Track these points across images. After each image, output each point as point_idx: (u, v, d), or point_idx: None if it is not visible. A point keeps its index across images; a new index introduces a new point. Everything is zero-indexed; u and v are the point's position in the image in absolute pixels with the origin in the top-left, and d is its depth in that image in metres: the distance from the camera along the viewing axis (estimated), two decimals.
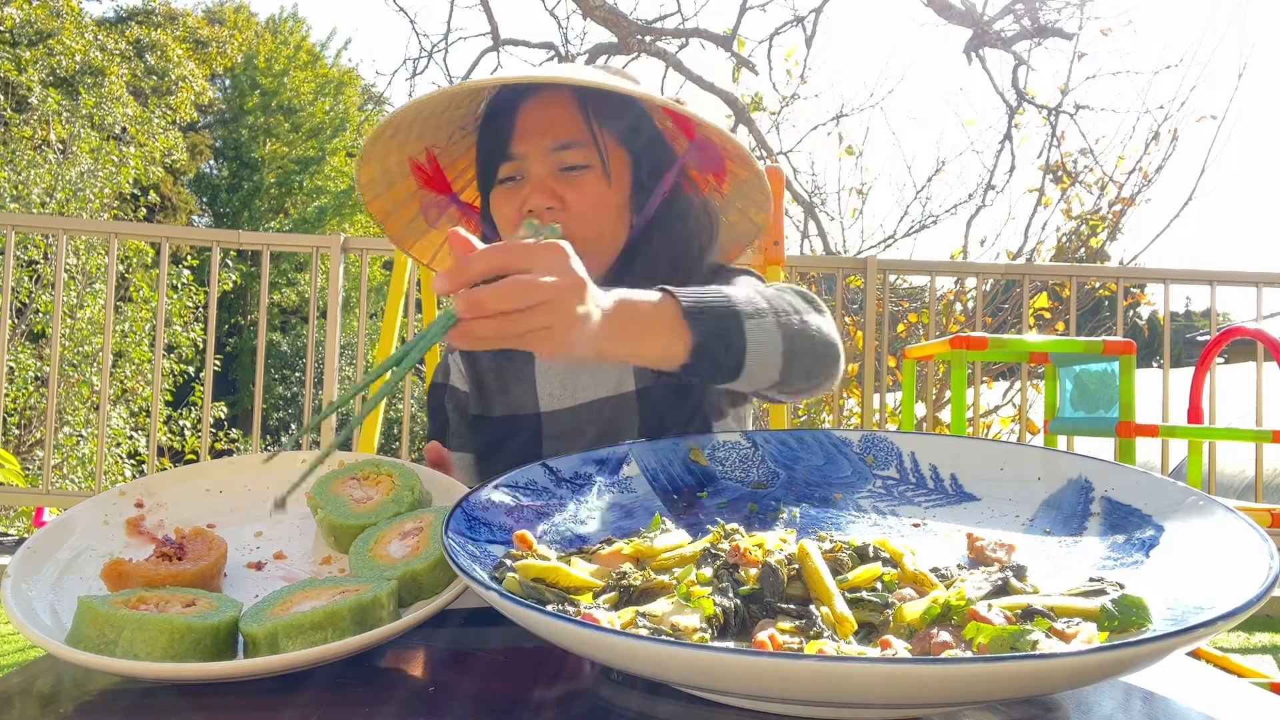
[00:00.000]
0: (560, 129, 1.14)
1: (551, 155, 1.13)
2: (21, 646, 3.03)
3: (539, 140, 1.13)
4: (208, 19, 18.01)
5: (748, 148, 1.20)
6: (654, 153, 1.21)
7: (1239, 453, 4.68)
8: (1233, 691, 0.62)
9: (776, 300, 0.95)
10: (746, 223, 1.37)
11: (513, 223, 1.15)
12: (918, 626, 0.57)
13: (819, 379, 0.97)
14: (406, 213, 1.30)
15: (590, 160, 1.14)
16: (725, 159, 1.23)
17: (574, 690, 0.64)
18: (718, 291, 0.90)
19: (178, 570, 0.72)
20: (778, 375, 0.92)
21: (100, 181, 8.44)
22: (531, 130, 1.13)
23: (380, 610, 0.66)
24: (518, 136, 1.14)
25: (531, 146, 1.13)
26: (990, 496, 0.78)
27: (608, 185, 1.16)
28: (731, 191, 1.32)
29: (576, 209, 1.13)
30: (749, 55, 6.06)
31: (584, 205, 1.13)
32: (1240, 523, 0.63)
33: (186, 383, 8.24)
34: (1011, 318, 4.94)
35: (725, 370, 0.89)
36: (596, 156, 1.14)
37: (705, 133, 1.19)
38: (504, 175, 1.15)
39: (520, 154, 1.14)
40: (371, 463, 0.85)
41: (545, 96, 1.16)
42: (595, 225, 1.15)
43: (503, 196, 1.16)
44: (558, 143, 1.13)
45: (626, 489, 0.82)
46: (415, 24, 7.43)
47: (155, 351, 3.98)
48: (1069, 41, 5.65)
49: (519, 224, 1.12)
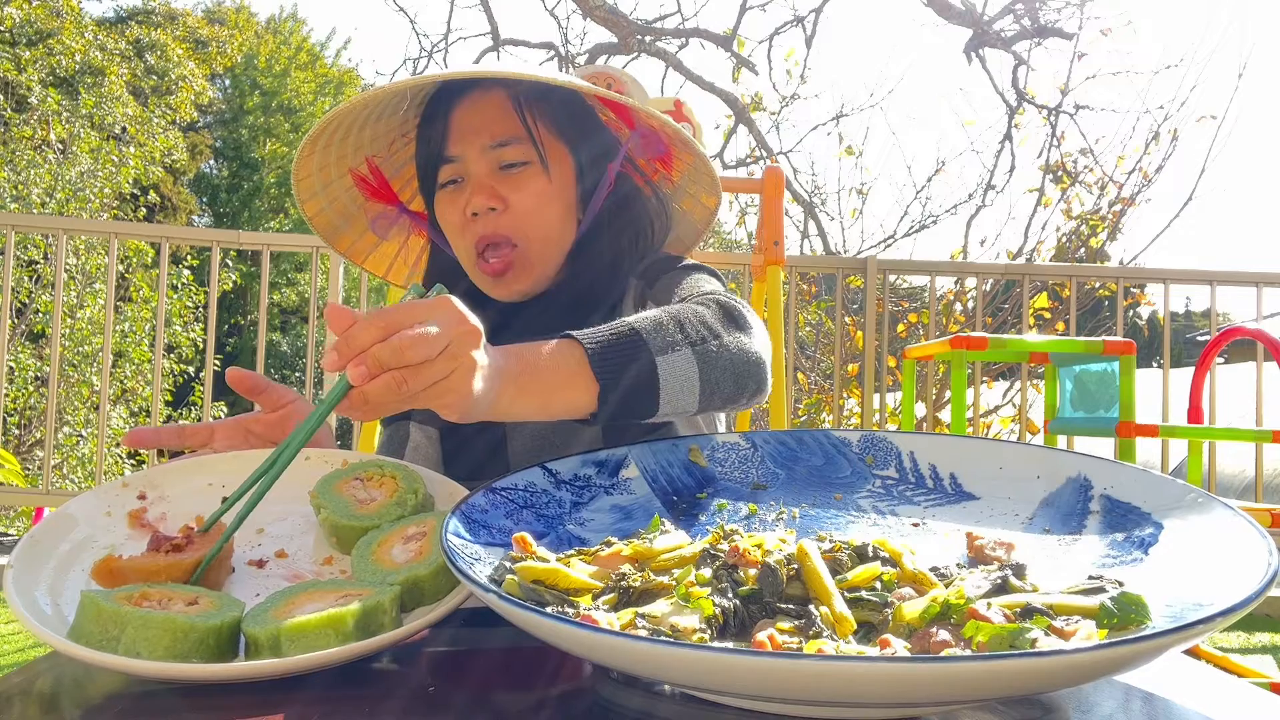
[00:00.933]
0: (496, 127, 1.11)
1: (489, 154, 1.11)
2: (22, 646, 3.03)
3: (475, 139, 1.11)
4: (208, 19, 18.00)
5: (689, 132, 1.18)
6: (596, 145, 1.19)
7: (1239, 453, 4.68)
8: (1233, 691, 0.62)
9: (693, 324, 0.91)
10: (700, 209, 1.34)
11: (458, 228, 1.13)
12: (917, 625, 0.57)
13: (741, 400, 0.95)
14: (357, 227, 1.28)
15: (529, 156, 1.12)
16: (669, 144, 1.20)
17: (574, 690, 0.64)
18: (625, 328, 0.87)
19: (174, 561, 0.71)
20: (695, 405, 0.90)
21: (100, 181, 8.44)
22: (466, 130, 1.11)
23: (383, 616, 0.66)
24: (453, 137, 1.12)
25: (468, 147, 1.11)
26: (989, 495, 0.78)
27: (549, 181, 1.13)
28: (681, 178, 1.29)
29: (520, 208, 1.11)
30: (749, 55, 6.06)
31: (527, 203, 1.11)
32: (1239, 520, 0.63)
33: (186, 383, 8.25)
34: (1011, 318, 4.94)
35: (638, 412, 0.86)
36: (534, 152, 1.12)
37: (641, 119, 1.16)
38: (445, 179, 1.14)
39: (458, 155, 1.12)
40: (375, 463, 0.85)
41: (478, 96, 1.13)
42: (541, 223, 1.13)
43: (446, 201, 1.14)
44: (494, 141, 1.11)
45: (625, 490, 0.82)
46: (415, 24, 7.45)
47: (155, 351, 3.98)
48: (1069, 41, 5.66)
49: (465, 224, 1.11)
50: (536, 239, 1.13)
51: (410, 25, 8.26)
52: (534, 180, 1.12)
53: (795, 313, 4.06)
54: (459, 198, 1.12)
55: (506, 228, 1.11)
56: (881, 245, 6.03)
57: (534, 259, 1.13)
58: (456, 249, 1.17)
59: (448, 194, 1.14)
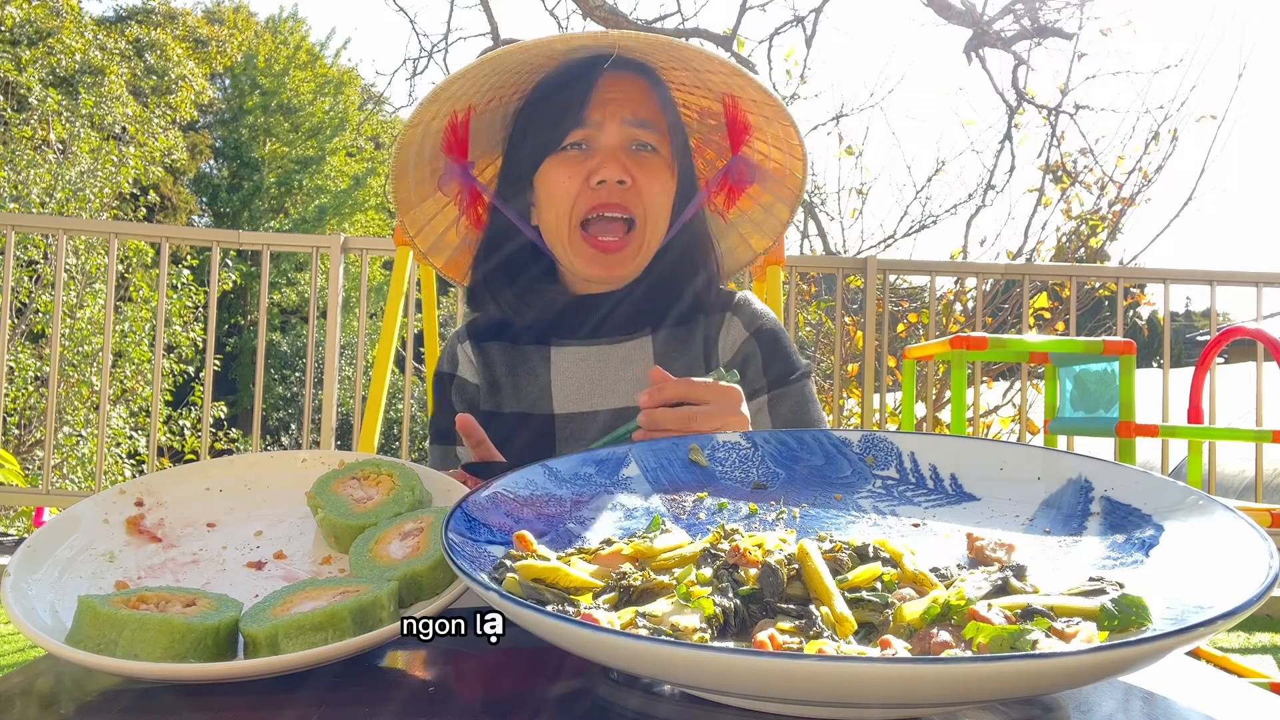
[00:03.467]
0: (639, 106, 1.11)
1: (625, 129, 1.10)
2: (21, 646, 3.03)
3: (616, 111, 1.10)
4: (207, 19, 18.02)
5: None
6: (686, 161, 1.20)
7: (1239, 453, 4.68)
8: (1233, 691, 0.62)
9: None
10: (745, 249, 1.34)
11: (569, 193, 1.11)
12: (917, 626, 0.57)
13: None
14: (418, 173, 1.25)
15: (659, 143, 1.12)
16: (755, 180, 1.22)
17: (574, 690, 0.64)
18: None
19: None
20: None
21: (100, 181, 8.44)
22: (609, 100, 1.10)
23: (381, 611, 0.66)
24: (594, 104, 1.10)
25: (608, 115, 1.10)
26: (990, 496, 0.78)
27: (671, 174, 1.14)
28: (737, 215, 1.29)
29: (646, 189, 1.11)
30: (749, 55, 6.06)
31: (654, 187, 1.12)
32: (1240, 522, 0.63)
33: (186, 383, 8.25)
34: (1011, 318, 4.94)
35: None
36: (666, 142, 1.12)
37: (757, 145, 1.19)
38: (571, 141, 1.11)
39: (595, 121, 1.10)
40: (372, 463, 0.85)
41: (621, 72, 1.12)
42: (658, 210, 1.13)
43: (564, 164, 1.11)
44: (636, 119, 1.10)
45: (626, 489, 0.82)
46: (415, 24, 7.46)
47: (155, 351, 3.98)
48: (1069, 41, 5.66)
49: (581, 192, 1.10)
50: (652, 223, 1.13)
51: (410, 25, 8.26)
52: (661, 168, 1.13)
53: (795, 313, 4.06)
54: (584, 163, 1.11)
55: (632, 203, 1.11)
56: (881, 245, 6.03)
57: (645, 245, 1.14)
58: (555, 215, 1.14)
59: (568, 157, 1.12)
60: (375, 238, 4.10)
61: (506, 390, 1.22)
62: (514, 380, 1.22)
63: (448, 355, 1.28)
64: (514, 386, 1.21)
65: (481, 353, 1.25)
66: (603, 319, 1.16)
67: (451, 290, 5.50)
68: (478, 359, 1.25)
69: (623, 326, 1.19)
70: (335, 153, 17.90)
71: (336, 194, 17.53)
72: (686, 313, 1.20)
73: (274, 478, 0.88)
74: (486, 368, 1.24)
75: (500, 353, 1.24)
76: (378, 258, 4.05)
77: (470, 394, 1.25)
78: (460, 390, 1.26)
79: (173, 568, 0.78)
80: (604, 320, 1.17)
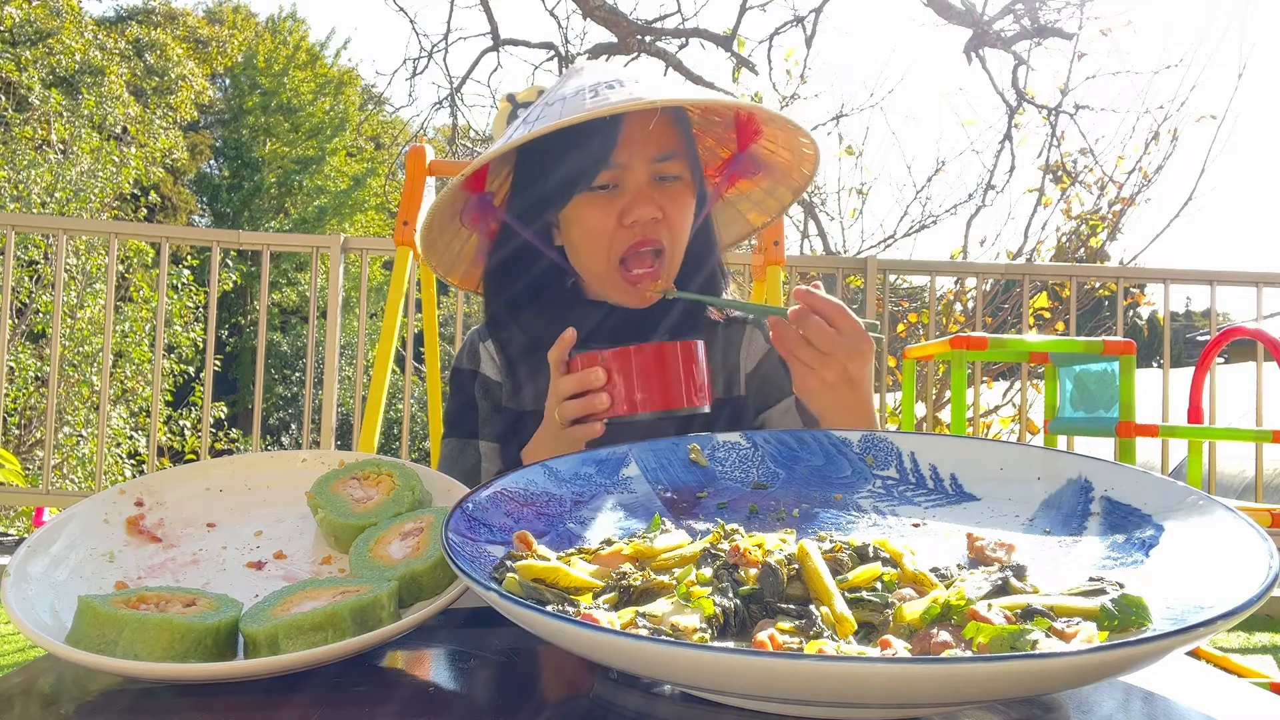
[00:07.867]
0: (663, 141, 1.14)
1: (651, 166, 1.14)
2: (21, 646, 3.03)
3: (642, 150, 1.13)
4: (208, 19, 18.02)
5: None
6: (699, 172, 1.24)
7: (1239, 453, 4.68)
8: (1233, 691, 0.62)
9: None
10: (742, 224, 1.37)
11: (604, 232, 1.14)
12: (918, 626, 0.57)
13: None
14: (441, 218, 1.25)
15: (682, 172, 1.16)
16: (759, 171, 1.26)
17: (574, 690, 0.64)
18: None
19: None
20: None
21: (100, 181, 8.44)
22: (635, 140, 1.13)
23: (381, 611, 0.66)
24: (622, 145, 1.13)
25: (634, 156, 1.13)
26: (990, 496, 0.78)
27: (693, 194, 1.18)
28: (736, 195, 1.32)
29: (674, 220, 1.15)
30: (749, 55, 6.06)
31: (680, 218, 1.16)
32: (1240, 522, 0.63)
33: (186, 383, 8.24)
34: (1011, 318, 4.94)
35: None
36: (688, 169, 1.17)
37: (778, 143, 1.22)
38: (600, 183, 1.15)
39: (622, 163, 1.13)
40: (372, 463, 0.85)
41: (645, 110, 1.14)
42: (684, 235, 1.18)
43: (595, 204, 1.15)
44: (661, 154, 1.14)
45: (626, 489, 0.82)
46: (415, 24, 7.43)
47: (155, 351, 3.98)
48: (1069, 41, 5.66)
49: (616, 231, 1.14)
50: (679, 248, 1.18)
51: (410, 25, 8.26)
52: (685, 195, 1.17)
53: None
54: (614, 203, 1.14)
55: (662, 234, 1.15)
56: (881, 245, 6.03)
57: (673, 267, 1.19)
58: (592, 251, 1.17)
59: (599, 198, 1.15)
60: (375, 238, 4.10)
61: (529, 390, 1.25)
62: (536, 382, 1.24)
63: (468, 352, 1.31)
64: (536, 388, 1.24)
65: (503, 347, 1.28)
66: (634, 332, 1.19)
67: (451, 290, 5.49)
68: (500, 358, 1.28)
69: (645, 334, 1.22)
70: (335, 153, 17.90)
71: (336, 194, 17.53)
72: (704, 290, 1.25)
73: (274, 478, 0.88)
74: (508, 363, 1.27)
75: (523, 353, 1.26)
76: (378, 258, 4.05)
77: (494, 391, 1.28)
78: (484, 386, 1.28)
79: (173, 568, 0.78)
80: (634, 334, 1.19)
